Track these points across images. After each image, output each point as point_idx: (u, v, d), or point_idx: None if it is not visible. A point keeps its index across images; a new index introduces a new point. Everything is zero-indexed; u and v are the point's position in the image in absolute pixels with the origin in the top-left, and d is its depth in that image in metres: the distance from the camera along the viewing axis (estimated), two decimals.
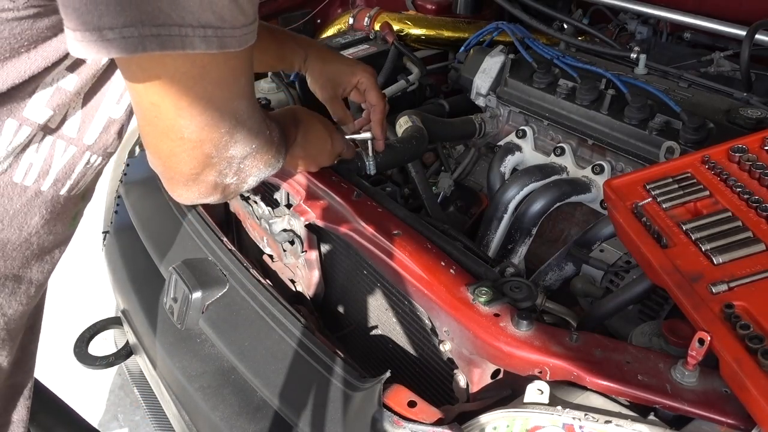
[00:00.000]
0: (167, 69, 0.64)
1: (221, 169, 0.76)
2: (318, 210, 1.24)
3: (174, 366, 1.25)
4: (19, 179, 0.65)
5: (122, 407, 2.15)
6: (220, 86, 0.69)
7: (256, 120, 0.77)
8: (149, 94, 0.66)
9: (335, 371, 1.04)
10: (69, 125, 0.67)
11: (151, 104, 0.67)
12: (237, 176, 0.80)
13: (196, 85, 0.66)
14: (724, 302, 0.77)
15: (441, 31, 1.89)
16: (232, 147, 0.75)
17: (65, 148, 0.68)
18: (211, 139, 0.71)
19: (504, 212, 1.41)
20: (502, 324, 0.90)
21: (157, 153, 0.74)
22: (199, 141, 0.71)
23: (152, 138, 0.72)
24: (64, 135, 0.67)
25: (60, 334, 1.78)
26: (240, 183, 0.82)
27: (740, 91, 1.34)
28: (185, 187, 0.78)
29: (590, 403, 0.82)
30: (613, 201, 1.00)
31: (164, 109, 0.67)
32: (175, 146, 0.71)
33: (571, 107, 1.43)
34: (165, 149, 0.72)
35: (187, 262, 1.25)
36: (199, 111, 0.68)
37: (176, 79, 0.65)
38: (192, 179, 0.76)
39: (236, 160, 0.77)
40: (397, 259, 1.06)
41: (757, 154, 0.99)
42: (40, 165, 0.66)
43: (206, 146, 0.72)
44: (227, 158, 0.76)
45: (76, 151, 0.69)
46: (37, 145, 0.65)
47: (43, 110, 0.64)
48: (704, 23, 1.56)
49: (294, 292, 1.47)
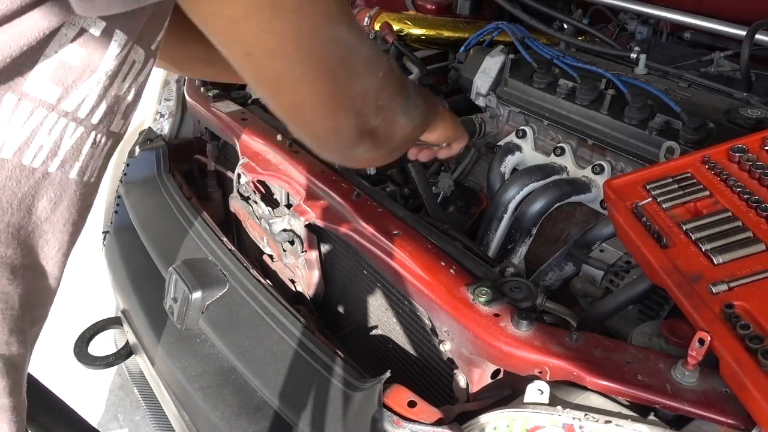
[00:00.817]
0: (236, 6, 0.57)
1: (358, 109, 0.69)
2: (318, 210, 1.24)
3: (174, 366, 1.25)
4: (27, 161, 0.63)
5: (122, 407, 2.15)
6: (302, 14, 0.61)
7: (368, 44, 0.69)
8: (233, 45, 0.61)
9: (335, 371, 1.04)
10: (77, 104, 0.66)
11: (245, 55, 0.62)
12: (380, 116, 0.72)
13: (274, 18, 0.59)
14: (724, 302, 0.77)
15: (441, 31, 1.89)
16: (355, 80, 0.67)
17: (74, 129, 0.66)
18: (323, 74, 0.64)
19: (504, 212, 1.41)
20: (502, 324, 0.90)
21: (286, 114, 0.69)
22: (311, 81, 0.64)
23: (272, 98, 0.67)
24: (73, 115, 0.65)
25: (60, 334, 1.78)
26: (390, 125, 0.75)
27: (740, 91, 1.34)
28: (334, 144, 0.72)
29: (590, 403, 0.82)
30: (613, 201, 1.00)
31: (259, 58, 0.61)
32: (293, 97, 0.65)
33: (571, 107, 1.43)
34: (287, 106, 0.66)
35: (187, 262, 1.25)
36: (292, 46, 0.61)
37: (250, 15, 0.58)
38: (332, 131, 0.69)
39: (369, 95, 0.69)
40: (397, 259, 1.06)
41: (757, 154, 0.99)
42: (50, 147, 0.65)
43: (323, 85, 0.65)
44: (358, 94, 0.68)
45: (83, 131, 0.67)
46: (50, 127, 0.64)
47: (47, 86, 0.62)
48: (704, 23, 1.56)
49: (294, 292, 1.47)
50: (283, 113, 0.70)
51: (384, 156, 0.88)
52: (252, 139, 1.45)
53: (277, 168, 1.38)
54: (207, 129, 1.69)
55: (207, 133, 1.71)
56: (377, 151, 0.81)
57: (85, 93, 0.64)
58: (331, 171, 1.31)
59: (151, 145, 1.72)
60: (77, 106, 0.64)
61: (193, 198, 1.56)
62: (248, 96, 1.68)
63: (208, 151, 1.73)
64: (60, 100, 0.62)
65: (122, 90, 0.70)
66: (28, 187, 0.64)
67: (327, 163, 1.33)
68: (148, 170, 1.66)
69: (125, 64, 0.68)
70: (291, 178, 1.34)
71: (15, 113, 0.59)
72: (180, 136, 1.84)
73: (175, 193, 1.56)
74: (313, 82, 0.64)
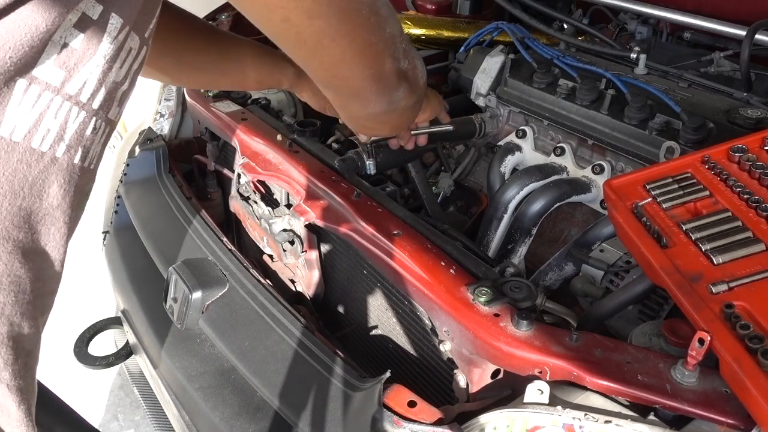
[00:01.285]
0: None
1: (392, 52, 0.76)
2: (318, 210, 1.24)
3: (174, 366, 1.25)
4: (36, 144, 0.64)
5: (122, 407, 2.15)
6: None
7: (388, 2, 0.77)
8: (272, 13, 0.66)
9: (335, 371, 1.04)
10: (78, 88, 0.66)
11: (284, 21, 0.67)
12: (407, 59, 0.80)
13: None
14: (724, 302, 0.77)
15: (441, 31, 1.90)
16: (385, 24, 0.74)
17: (77, 113, 0.67)
18: (359, 25, 0.71)
19: (504, 212, 1.41)
20: (502, 324, 0.90)
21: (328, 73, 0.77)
22: (349, 33, 0.71)
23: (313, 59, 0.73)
24: (76, 99, 0.66)
25: (60, 334, 1.78)
26: (413, 69, 0.82)
27: (740, 91, 1.34)
28: (377, 92, 0.79)
29: (590, 403, 0.82)
30: (613, 201, 1.00)
31: (297, 20, 0.67)
32: (334, 52, 0.72)
33: (571, 107, 1.43)
34: (328, 63, 0.72)
35: (187, 262, 1.25)
36: (327, 3, 0.67)
37: None
38: (373, 79, 0.77)
39: (397, 38, 0.77)
40: (397, 259, 1.06)
41: (757, 154, 0.99)
42: (56, 131, 0.65)
43: (359, 34, 0.71)
44: (390, 37, 0.75)
45: (85, 116, 0.68)
46: (55, 111, 0.64)
47: (53, 69, 0.63)
48: (704, 23, 1.56)
49: (294, 292, 1.47)
50: (325, 72, 0.75)
51: (415, 105, 0.96)
52: (252, 139, 1.45)
53: (277, 168, 1.38)
54: (207, 129, 1.69)
55: (207, 133, 1.71)
56: (412, 96, 0.88)
57: (86, 76, 0.65)
58: (331, 171, 1.31)
59: (151, 145, 1.72)
60: (79, 90, 0.65)
61: (193, 198, 1.56)
62: (248, 96, 1.68)
63: (208, 151, 1.73)
64: (64, 83, 0.63)
65: (120, 77, 0.71)
66: (38, 171, 0.64)
67: (327, 162, 1.33)
68: (148, 170, 1.66)
69: (122, 50, 0.69)
70: (291, 178, 1.34)
71: (25, 97, 0.60)
72: (180, 136, 1.84)
73: (175, 193, 1.56)
74: (350, 34, 0.70)
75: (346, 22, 0.70)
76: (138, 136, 1.79)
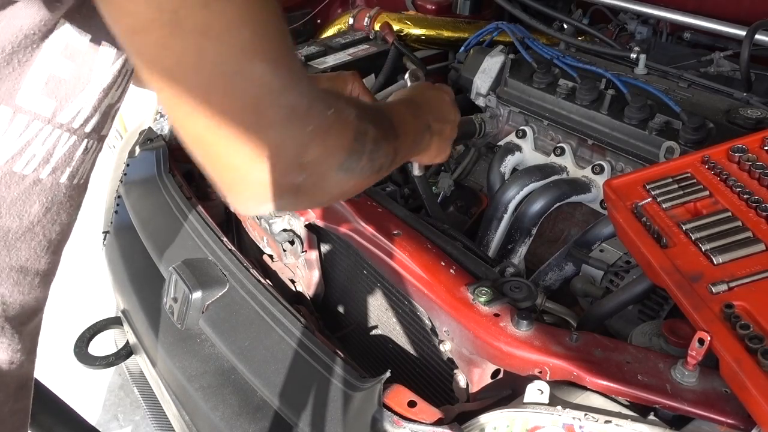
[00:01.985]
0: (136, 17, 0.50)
1: (271, 162, 0.57)
2: (318, 210, 1.24)
3: (174, 366, 1.25)
4: (18, 169, 0.64)
5: (122, 407, 2.15)
6: (207, 37, 0.51)
7: (300, 93, 0.57)
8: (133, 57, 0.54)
9: (335, 371, 1.04)
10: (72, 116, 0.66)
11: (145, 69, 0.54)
12: (305, 173, 0.60)
13: (175, 35, 0.50)
14: (724, 302, 0.77)
15: (441, 31, 1.89)
16: (267, 129, 0.56)
17: (68, 138, 0.67)
18: (225, 112, 0.54)
19: (504, 212, 1.41)
20: (502, 324, 0.90)
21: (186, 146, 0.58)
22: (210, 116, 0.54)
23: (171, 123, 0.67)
24: (68, 126, 0.66)
25: (60, 334, 1.78)
26: (318, 181, 0.62)
27: (740, 91, 1.34)
28: (240, 193, 0.60)
29: (590, 403, 0.82)
30: (613, 201, 1.00)
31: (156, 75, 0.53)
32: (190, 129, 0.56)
33: (571, 107, 1.43)
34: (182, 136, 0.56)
35: (187, 262, 1.25)
36: (191, 70, 0.52)
37: (149, 28, 0.50)
38: (240, 182, 0.59)
39: (288, 150, 0.58)
40: (397, 259, 1.06)
41: (757, 154, 0.99)
42: (42, 155, 0.65)
43: (224, 125, 0.54)
44: (270, 146, 0.56)
45: (75, 140, 0.68)
46: (44, 138, 0.64)
47: (41, 99, 0.62)
48: (704, 23, 1.56)
49: (294, 292, 1.47)
50: (184, 143, 0.58)
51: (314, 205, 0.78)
52: None
53: None
54: None
55: None
56: (300, 204, 0.70)
57: (80, 105, 0.65)
58: None
59: (151, 145, 1.72)
60: (72, 118, 0.65)
61: (193, 198, 1.56)
62: None
63: None
64: (55, 113, 0.63)
65: (115, 98, 0.71)
66: (18, 192, 0.64)
67: None
68: (148, 170, 1.66)
69: (120, 74, 0.69)
70: None
71: (11, 126, 0.60)
72: None
73: (175, 193, 1.56)
74: (212, 118, 0.54)
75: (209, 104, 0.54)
76: (138, 136, 1.79)
